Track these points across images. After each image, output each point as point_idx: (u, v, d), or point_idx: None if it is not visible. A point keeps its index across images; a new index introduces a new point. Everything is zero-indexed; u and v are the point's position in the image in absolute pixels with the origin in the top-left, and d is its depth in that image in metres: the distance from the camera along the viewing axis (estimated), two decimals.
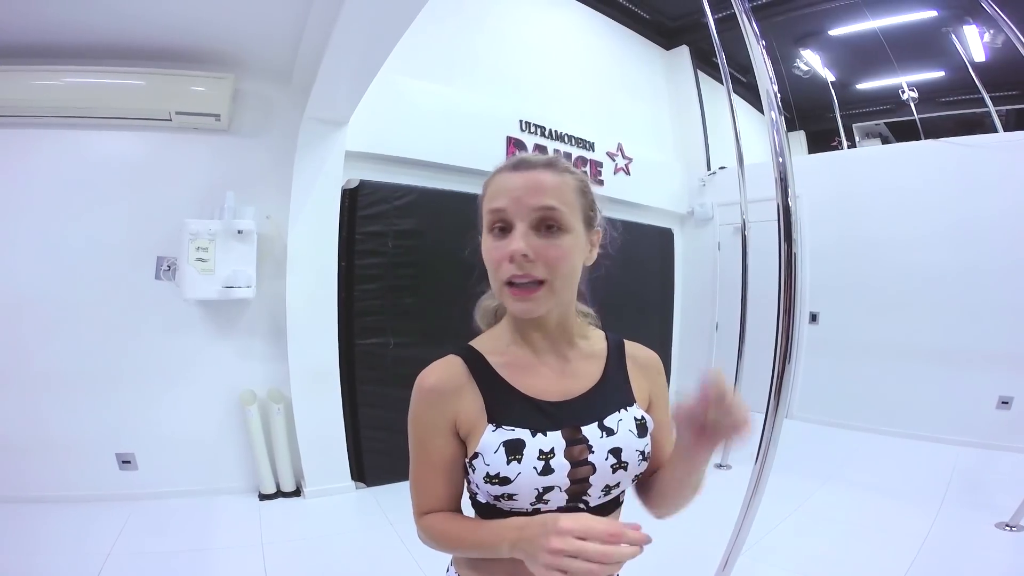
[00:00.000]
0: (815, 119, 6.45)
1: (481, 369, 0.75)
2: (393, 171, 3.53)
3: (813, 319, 4.85)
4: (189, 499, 2.97)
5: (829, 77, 6.04)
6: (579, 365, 0.78)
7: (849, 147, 6.02)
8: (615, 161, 4.85)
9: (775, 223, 1.56)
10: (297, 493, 3.17)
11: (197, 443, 3.06)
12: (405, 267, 3.42)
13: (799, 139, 6.68)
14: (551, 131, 4.36)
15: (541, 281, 0.69)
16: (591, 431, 0.72)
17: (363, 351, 3.31)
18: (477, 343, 0.79)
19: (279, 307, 3.14)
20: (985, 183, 4.05)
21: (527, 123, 4.19)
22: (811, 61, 5.98)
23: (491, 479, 0.68)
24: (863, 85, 6.32)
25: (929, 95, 5.66)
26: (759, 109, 5.49)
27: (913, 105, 5.56)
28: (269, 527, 2.75)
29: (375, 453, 3.31)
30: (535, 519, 0.65)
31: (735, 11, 1.66)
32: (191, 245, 2.87)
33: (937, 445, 3.99)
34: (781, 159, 1.54)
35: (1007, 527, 2.59)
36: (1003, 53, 4.66)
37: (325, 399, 3.19)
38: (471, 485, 0.75)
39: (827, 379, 4.68)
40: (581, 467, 0.70)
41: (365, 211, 3.30)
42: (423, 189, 3.54)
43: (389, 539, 2.63)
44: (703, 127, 5.77)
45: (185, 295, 2.90)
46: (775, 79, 1.61)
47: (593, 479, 0.71)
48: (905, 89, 5.60)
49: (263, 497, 3.08)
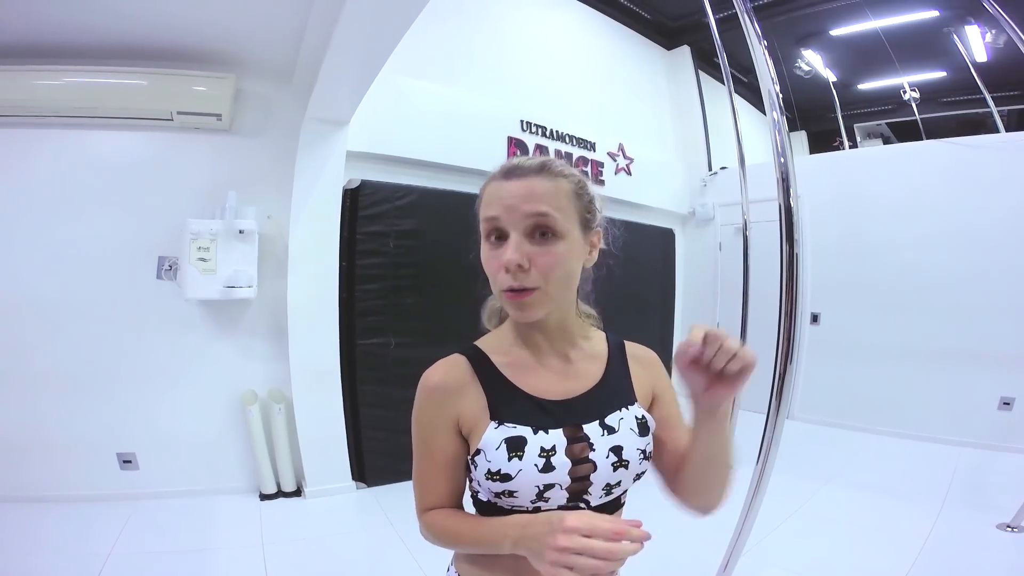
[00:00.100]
0: (816, 119, 6.44)
1: (485, 368, 0.76)
2: (394, 171, 3.53)
3: (814, 320, 4.85)
4: (190, 499, 2.97)
5: (830, 77, 6.03)
6: (581, 365, 0.79)
7: (851, 147, 6.01)
8: (616, 161, 4.85)
9: (776, 223, 1.56)
10: (298, 493, 3.17)
11: (198, 443, 3.07)
12: (406, 267, 3.42)
13: (800, 139, 6.67)
14: (552, 131, 4.36)
15: (537, 287, 0.70)
16: (592, 429, 0.73)
17: (364, 351, 3.31)
18: (481, 343, 0.80)
19: (280, 307, 3.14)
20: (987, 184, 4.05)
21: (528, 123, 4.19)
22: (812, 61, 5.97)
23: (492, 476, 0.69)
24: (864, 85, 6.31)
25: (931, 95, 5.64)
26: (760, 109, 5.48)
27: (915, 105, 5.55)
28: (270, 527, 2.75)
29: (376, 453, 3.31)
30: (539, 517, 0.66)
31: (736, 11, 1.66)
32: (192, 245, 2.88)
33: (938, 446, 3.98)
34: (783, 159, 1.54)
35: (1008, 528, 2.59)
36: (1005, 53, 4.65)
37: (326, 399, 3.19)
38: (473, 483, 0.76)
39: (828, 380, 4.67)
40: (582, 465, 0.70)
41: (366, 211, 3.30)
42: (424, 189, 3.54)
43: (390, 539, 2.63)
44: (704, 127, 5.77)
45: (186, 295, 2.91)
46: (776, 79, 1.61)
47: (594, 477, 0.71)
48: (907, 89, 5.59)
49: (264, 497, 3.09)
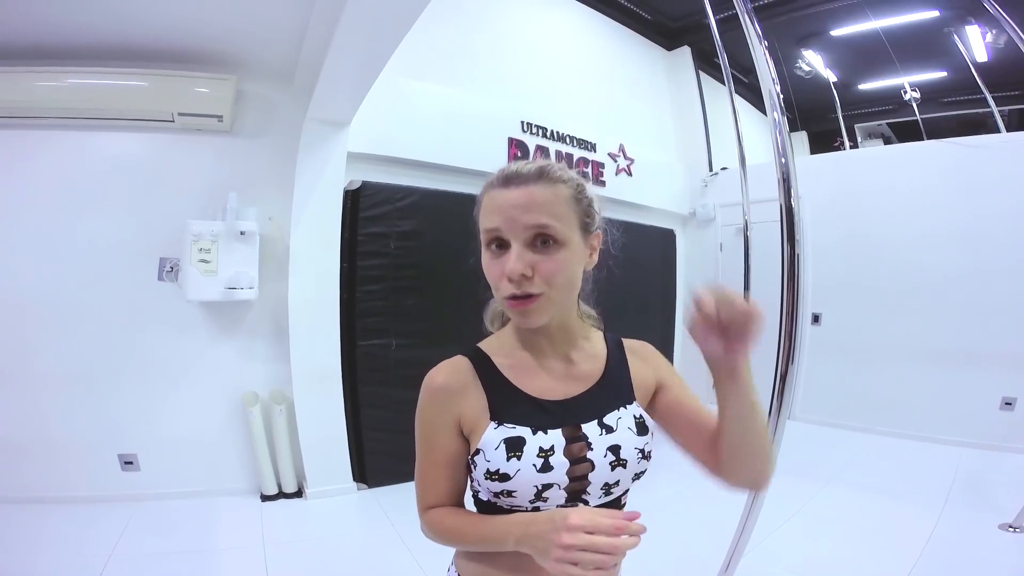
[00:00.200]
0: (817, 119, 6.44)
1: (486, 370, 0.77)
2: (395, 172, 3.53)
3: (815, 320, 4.84)
4: (191, 500, 2.97)
5: (831, 77, 6.03)
6: (581, 366, 0.80)
7: (851, 147, 6.01)
8: (617, 162, 4.85)
9: (777, 224, 1.56)
10: (299, 494, 3.17)
11: (199, 444, 3.07)
12: (407, 268, 3.42)
13: (801, 140, 6.67)
14: (553, 132, 4.36)
15: (540, 294, 0.70)
16: (591, 428, 0.74)
17: (365, 352, 3.31)
18: (484, 345, 0.81)
19: (281, 308, 3.14)
20: (987, 183, 4.04)
21: (529, 124, 4.19)
22: (813, 61, 5.97)
23: (491, 475, 0.70)
24: (865, 85, 6.31)
25: (931, 95, 5.64)
26: (761, 110, 5.47)
27: (915, 105, 5.55)
28: (271, 528, 2.75)
29: (377, 454, 3.31)
30: (541, 515, 0.67)
31: (737, 11, 1.66)
32: (194, 246, 2.88)
33: (940, 446, 3.98)
34: (784, 159, 1.54)
35: (1010, 528, 2.58)
36: (1005, 53, 4.65)
37: (327, 400, 3.20)
38: (473, 483, 0.77)
39: (829, 380, 4.67)
40: (580, 464, 0.71)
41: (367, 212, 3.30)
42: (425, 190, 3.54)
43: (391, 540, 2.63)
44: (705, 128, 5.76)
45: (188, 296, 2.91)
46: (777, 79, 1.61)
47: (592, 476, 0.72)
48: (907, 89, 5.59)
49: (265, 498, 3.09)
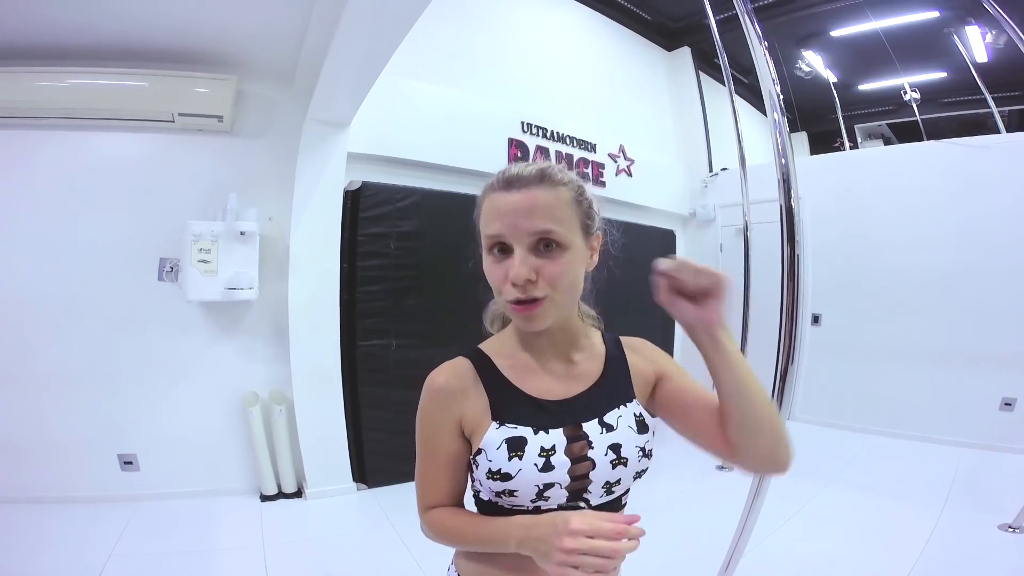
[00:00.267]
0: (817, 120, 6.45)
1: (487, 371, 0.77)
2: (395, 173, 3.53)
3: (815, 320, 4.84)
4: (191, 500, 2.97)
5: (831, 78, 6.04)
6: (581, 365, 0.80)
7: (851, 148, 6.01)
8: (617, 162, 4.85)
9: (777, 224, 1.56)
10: (299, 494, 3.17)
11: (199, 444, 3.07)
12: (407, 269, 3.42)
13: (801, 140, 6.67)
14: (553, 132, 4.36)
15: (544, 297, 0.70)
16: (591, 427, 0.74)
17: (365, 352, 3.31)
18: (485, 346, 0.81)
19: (281, 309, 3.14)
20: (987, 184, 4.04)
21: (529, 124, 4.19)
22: (813, 62, 5.97)
23: (493, 475, 0.70)
24: (865, 86, 6.31)
25: (931, 96, 5.64)
26: (761, 110, 5.47)
27: (915, 106, 5.55)
28: (271, 528, 2.75)
29: (377, 454, 3.31)
30: (542, 518, 0.67)
31: (737, 12, 1.66)
32: (194, 246, 2.88)
33: (939, 447, 3.98)
34: (784, 160, 1.55)
35: (1010, 529, 2.58)
36: (1005, 54, 4.65)
37: (327, 400, 3.19)
38: (474, 483, 0.77)
39: (829, 381, 4.67)
40: (581, 463, 0.71)
41: (367, 213, 3.30)
42: (425, 191, 3.54)
43: (390, 540, 2.63)
44: (705, 128, 5.76)
45: (188, 296, 2.91)
46: (777, 80, 1.61)
47: (593, 475, 0.72)
48: (907, 90, 5.59)
49: (265, 498, 3.09)
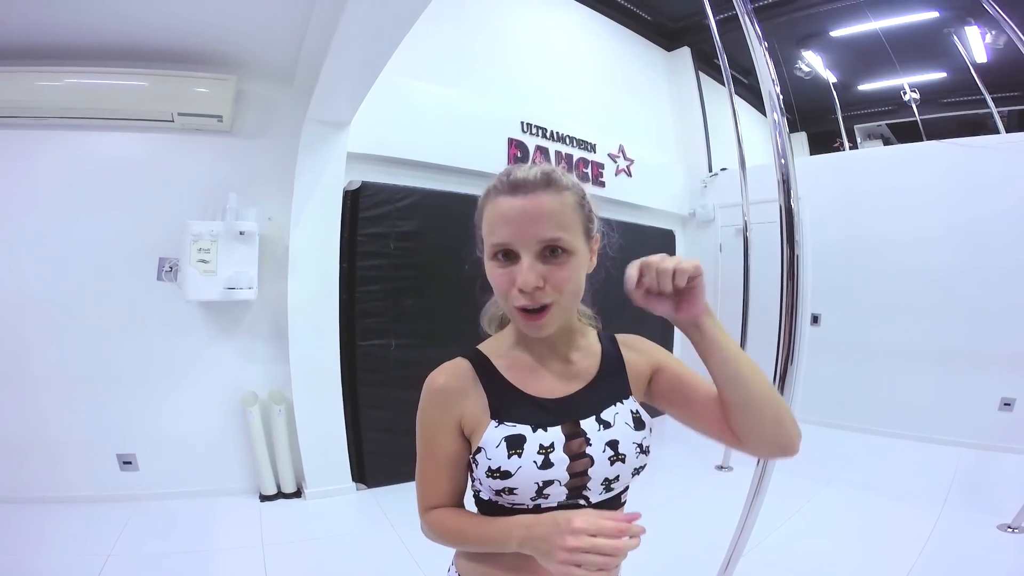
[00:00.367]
0: (817, 120, 6.44)
1: (486, 371, 0.78)
2: (395, 173, 3.53)
3: (815, 321, 4.84)
4: (190, 500, 2.97)
5: (831, 78, 6.04)
6: (579, 364, 0.80)
7: (851, 148, 6.01)
8: (616, 163, 4.85)
9: (777, 224, 1.57)
10: (298, 494, 3.17)
11: (198, 444, 3.07)
12: (407, 269, 3.42)
13: (801, 140, 6.66)
14: (553, 133, 4.36)
15: (551, 303, 0.70)
16: (589, 424, 0.75)
17: (364, 352, 3.31)
18: (483, 347, 0.82)
19: (281, 309, 3.14)
20: (987, 184, 4.05)
21: (529, 124, 4.19)
22: (813, 62, 5.97)
23: (493, 473, 0.71)
24: (865, 86, 6.31)
25: (931, 96, 5.64)
26: (760, 110, 5.47)
27: (915, 106, 5.55)
28: (270, 528, 2.75)
29: (376, 454, 3.31)
30: (544, 517, 0.67)
31: (737, 12, 1.66)
32: (193, 246, 2.88)
33: (939, 447, 3.98)
34: (783, 160, 1.55)
35: (1009, 529, 2.59)
36: (1005, 54, 4.65)
37: (326, 400, 3.19)
38: (474, 482, 0.77)
39: (829, 381, 4.67)
40: (579, 460, 0.72)
41: (367, 213, 3.30)
42: (425, 191, 3.54)
43: (390, 540, 2.63)
44: (705, 129, 5.77)
45: (187, 296, 2.91)
46: (777, 80, 1.61)
47: (592, 472, 0.72)
48: (907, 90, 5.59)
49: (264, 498, 3.09)
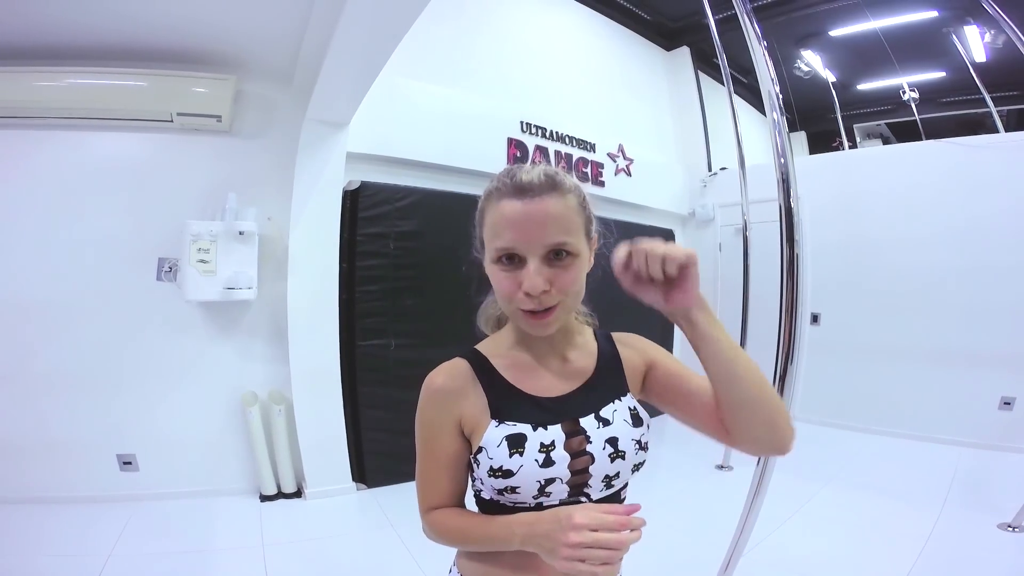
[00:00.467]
0: (816, 120, 6.44)
1: (485, 371, 0.78)
2: (394, 172, 3.53)
3: (815, 320, 4.85)
4: (190, 500, 2.97)
5: (830, 78, 6.04)
6: (576, 363, 0.81)
7: (850, 148, 6.01)
8: (616, 162, 4.85)
9: (776, 224, 1.57)
10: (298, 494, 3.17)
11: (198, 444, 3.07)
12: (406, 269, 3.42)
13: (800, 140, 6.67)
14: (552, 132, 4.36)
15: (556, 305, 0.71)
16: (588, 422, 0.75)
17: (364, 352, 3.31)
18: (482, 347, 0.82)
19: (280, 308, 3.14)
20: (986, 183, 4.05)
21: (528, 124, 4.19)
22: (812, 62, 5.98)
23: (494, 472, 0.71)
24: (864, 86, 6.31)
25: (930, 95, 5.64)
26: (760, 110, 5.47)
27: (914, 106, 5.55)
28: (270, 528, 2.75)
29: (376, 454, 3.31)
30: (544, 515, 0.68)
31: (736, 12, 1.66)
32: (192, 246, 2.88)
33: (939, 446, 3.98)
34: (783, 160, 1.55)
35: (1009, 528, 2.59)
36: (1004, 53, 4.66)
37: (326, 400, 3.19)
38: (476, 482, 0.77)
39: (829, 380, 4.67)
40: (580, 458, 0.72)
41: (366, 212, 3.30)
42: (424, 190, 3.54)
43: (390, 540, 2.63)
44: (704, 128, 5.77)
45: (187, 296, 2.90)
46: (776, 80, 1.61)
47: (592, 469, 0.73)
48: (906, 89, 5.59)
49: (264, 498, 3.08)
